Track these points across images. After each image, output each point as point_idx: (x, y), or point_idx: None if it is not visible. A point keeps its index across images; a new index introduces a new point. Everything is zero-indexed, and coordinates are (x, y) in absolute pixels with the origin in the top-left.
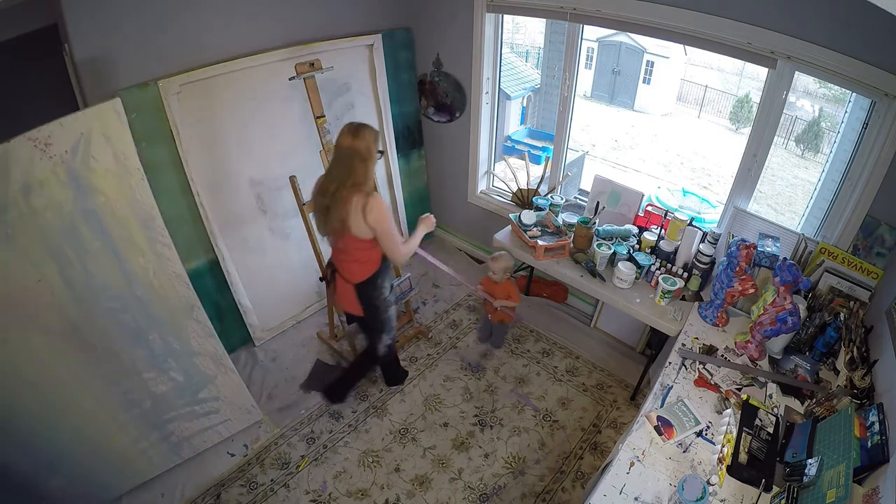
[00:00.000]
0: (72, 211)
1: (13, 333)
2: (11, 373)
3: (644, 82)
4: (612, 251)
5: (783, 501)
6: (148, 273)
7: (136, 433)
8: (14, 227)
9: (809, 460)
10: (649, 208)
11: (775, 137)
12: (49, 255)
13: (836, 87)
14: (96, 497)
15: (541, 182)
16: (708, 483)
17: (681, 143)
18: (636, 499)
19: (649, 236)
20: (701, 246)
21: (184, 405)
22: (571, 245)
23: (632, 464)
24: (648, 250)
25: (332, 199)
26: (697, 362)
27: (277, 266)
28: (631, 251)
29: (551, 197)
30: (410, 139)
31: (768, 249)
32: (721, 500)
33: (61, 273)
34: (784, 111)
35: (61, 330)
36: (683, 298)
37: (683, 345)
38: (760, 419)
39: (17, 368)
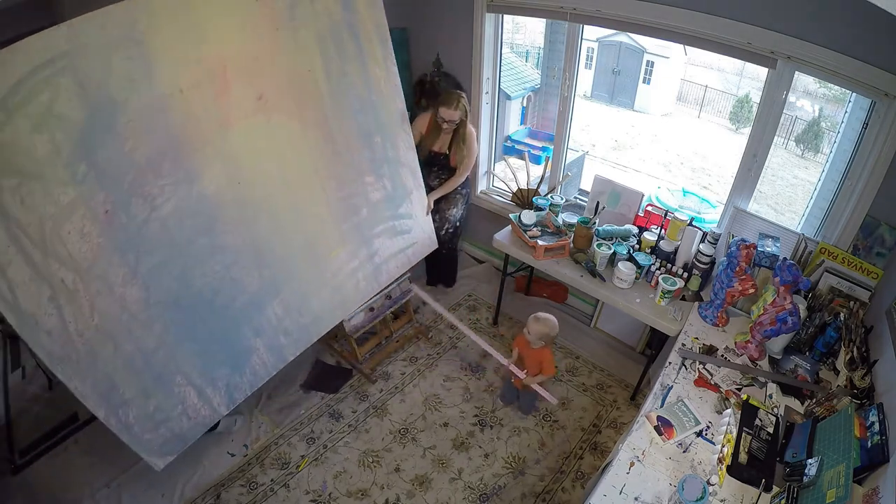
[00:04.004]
0: (339, 20)
1: (277, 118)
2: (275, 162)
3: (644, 82)
4: (612, 251)
5: (783, 501)
6: (380, 81)
7: (352, 247)
8: (300, 21)
9: (809, 460)
10: (649, 208)
11: (775, 137)
12: (320, 50)
13: (836, 87)
14: (307, 331)
15: (541, 182)
16: (708, 483)
17: (681, 143)
18: (636, 499)
19: (649, 236)
20: (701, 246)
21: (388, 218)
22: (571, 245)
23: (632, 464)
24: (648, 250)
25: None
26: (697, 362)
27: None
28: (631, 251)
29: (551, 197)
30: None
31: (768, 249)
32: (721, 500)
33: (325, 67)
34: (784, 111)
35: (316, 121)
36: (683, 298)
37: (683, 345)
38: (760, 419)
39: (279, 156)
